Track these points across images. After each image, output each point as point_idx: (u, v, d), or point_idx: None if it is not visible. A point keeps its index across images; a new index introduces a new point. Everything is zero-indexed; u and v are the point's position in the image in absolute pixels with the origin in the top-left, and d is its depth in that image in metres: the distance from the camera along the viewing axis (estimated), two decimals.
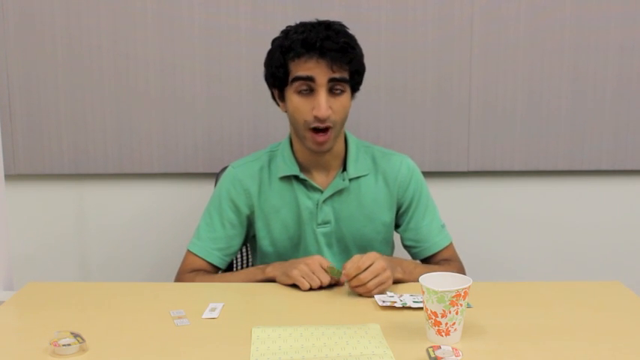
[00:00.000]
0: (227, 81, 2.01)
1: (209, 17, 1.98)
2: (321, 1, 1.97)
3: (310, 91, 1.49)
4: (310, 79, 1.47)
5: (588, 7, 2.01)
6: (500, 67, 2.04)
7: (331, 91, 1.49)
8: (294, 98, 1.51)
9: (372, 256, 1.40)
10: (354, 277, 1.38)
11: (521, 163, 2.09)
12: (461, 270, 1.64)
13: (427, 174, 1.72)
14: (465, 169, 2.09)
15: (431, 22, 2.00)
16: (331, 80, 1.48)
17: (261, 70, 1.97)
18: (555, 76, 2.05)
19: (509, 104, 2.06)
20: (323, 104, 1.47)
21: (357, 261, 1.39)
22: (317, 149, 1.52)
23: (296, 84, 1.49)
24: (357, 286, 1.39)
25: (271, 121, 2.02)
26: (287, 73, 1.50)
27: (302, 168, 1.60)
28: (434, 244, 1.64)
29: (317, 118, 1.48)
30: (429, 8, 2.00)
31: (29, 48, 1.97)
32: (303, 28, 1.50)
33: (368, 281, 1.38)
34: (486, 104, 2.05)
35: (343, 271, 1.40)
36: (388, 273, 1.40)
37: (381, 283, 1.39)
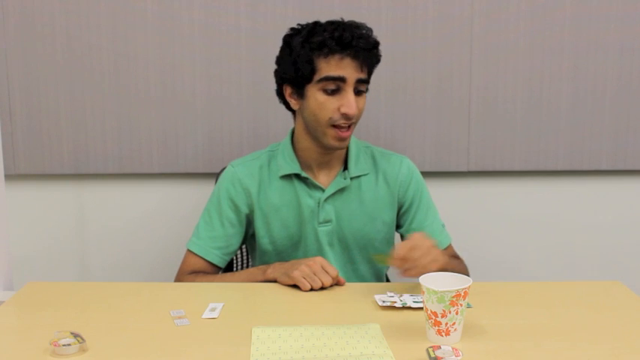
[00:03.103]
0: (227, 81, 2.01)
1: (209, 17, 1.98)
2: (322, 1, 1.97)
3: (337, 90, 1.49)
4: (341, 79, 1.47)
5: (588, 7, 2.01)
6: (500, 67, 2.04)
7: (355, 91, 1.50)
8: (319, 96, 1.49)
9: (420, 234, 1.39)
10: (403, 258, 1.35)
11: (521, 163, 2.09)
12: (466, 268, 1.64)
13: (427, 174, 1.72)
14: (465, 169, 2.09)
15: (431, 22, 2.00)
16: (358, 81, 1.49)
17: (261, 70, 1.98)
18: (555, 76, 2.05)
19: (509, 104, 2.06)
20: (353, 103, 1.48)
21: (405, 243, 1.36)
22: (338, 145, 1.52)
23: (324, 82, 1.48)
24: (408, 268, 1.34)
25: (271, 121, 2.02)
26: (313, 70, 1.48)
27: (303, 167, 1.60)
28: (437, 244, 1.64)
29: (345, 116, 1.48)
30: (429, 8, 2.00)
31: (29, 48, 1.97)
32: (333, 26, 1.48)
33: (418, 257, 1.34)
34: (486, 104, 2.05)
35: (393, 253, 1.37)
36: (438, 250, 1.39)
37: (433, 261, 1.35)
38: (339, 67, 1.47)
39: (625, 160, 2.10)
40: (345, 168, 1.61)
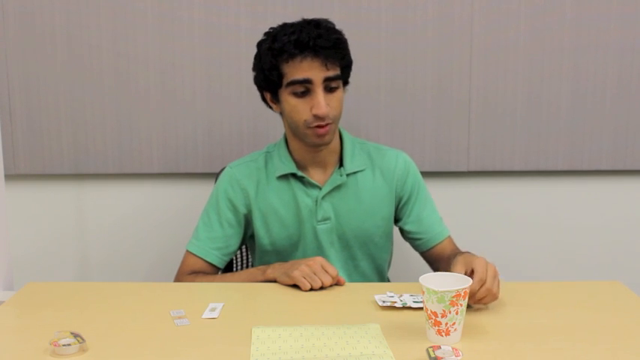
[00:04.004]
0: (227, 81, 2.01)
1: (209, 17, 1.98)
2: (322, 1, 1.97)
3: (306, 92, 1.49)
4: (307, 81, 1.47)
5: (588, 7, 2.01)
6: (500, 66, 2.03)
7: (326, 89, 1.50)
8: (290, 100, 1.51)
9: (482, 263, 1.31)
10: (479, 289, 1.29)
11: (521, 163, 2.09)
12: None
13: (427, 174, 1.72)
14: (465, 169, 2.09)
15: (431, 22, 2.00)
16: (326, 79, 1.48)
17: None
18: (555, 76, 2.05)
19: (509, 104, 2.06)
20: (322, 103, 1.47)
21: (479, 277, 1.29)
22: (319, 142, 1.52)
23: (291, 87, 1.49)
24: (483, 297, 1.29)
25: (271, 121, 2.02)
26: (280, 75, 1.50)
27: (299, 166, 1.60)
28: (438, 234, 1.65)
29: (317, 117, 1.48)
30: (429, 8, 2.00)
31: (29, 48, 1.97)
32: (292, 28, 1.49)
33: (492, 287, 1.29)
34: (486, 104, 2.05)
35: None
36: (496, 268, 1.33)
37: (498, 280, 1.32)
38: (302, 69, 1.47)
39: (625, 160, 2.10)
40: (341, 165, 1.61)
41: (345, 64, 1.54)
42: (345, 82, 1.58)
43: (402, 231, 1.70)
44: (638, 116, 2.08)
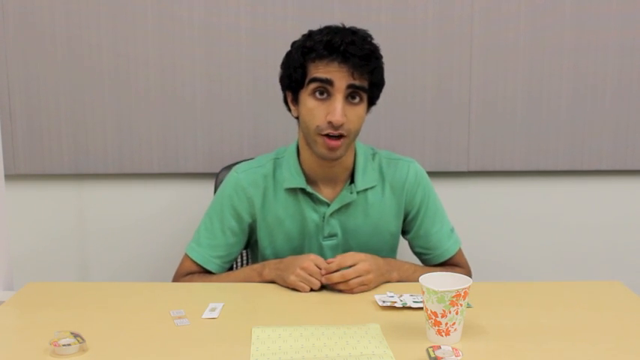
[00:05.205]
0: (227, 81, 2.01)
1: (209, 17, 1.98)
2: (322, 1, 1.97)
3: (327, 96, 1.44)
4: (328, 82, 1.42)
5: (588, 7, 2.01)
6: (500, 67, 2.03)
7: (348, 99, 1.45)
8: (308, 101, 1.45)
9: (357, 256, 1.43)
10: (336, 271, 1.41)
11: (521, 163, 2.09)
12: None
13: (427, 174, 1.72)
14: (465, 169, 2.09)
15: (431, 22, 2.00)
16: (350, 87, 1.43)
17: (260, 70, 1.98)
18: (555, 76, 2.05)
19: (509, 104, 2.06)
20: (339, 109, 1.41)
21: (340, 258, 1.42)
22: (327, 155, 1.47)
23: (312, 85, 1.44)
24: (338, 283, 1.41)
25: (271, 122, 2.02)
26: (305, 74, 1.45)
27: (308, 180, 1.56)
28: (445, 251, 1.63)
29: (330, 124, 1.42)
30: (429, 8, 2.00)
31: (29, 48, 1.97)
32: (328, 30, 1.45)
33: (350, 279, 1.40)
34: (486, 104, 2.05)
35: (324, 265, 1.42)
36: (371, 276, 1.42)
37: (363, 284, 1.41)
38: (327, 70, 1.42)
39: (625, 160, 2.10)
40: (352, 181, 1.57)
41: (374, 80, 1.48)
42: (371, 103, 1.52)
43: (410, 245, 1.68)
44: (638, 116, 2.08)
